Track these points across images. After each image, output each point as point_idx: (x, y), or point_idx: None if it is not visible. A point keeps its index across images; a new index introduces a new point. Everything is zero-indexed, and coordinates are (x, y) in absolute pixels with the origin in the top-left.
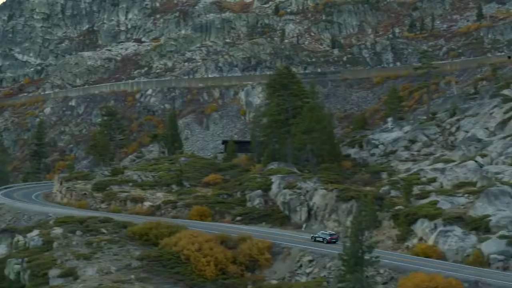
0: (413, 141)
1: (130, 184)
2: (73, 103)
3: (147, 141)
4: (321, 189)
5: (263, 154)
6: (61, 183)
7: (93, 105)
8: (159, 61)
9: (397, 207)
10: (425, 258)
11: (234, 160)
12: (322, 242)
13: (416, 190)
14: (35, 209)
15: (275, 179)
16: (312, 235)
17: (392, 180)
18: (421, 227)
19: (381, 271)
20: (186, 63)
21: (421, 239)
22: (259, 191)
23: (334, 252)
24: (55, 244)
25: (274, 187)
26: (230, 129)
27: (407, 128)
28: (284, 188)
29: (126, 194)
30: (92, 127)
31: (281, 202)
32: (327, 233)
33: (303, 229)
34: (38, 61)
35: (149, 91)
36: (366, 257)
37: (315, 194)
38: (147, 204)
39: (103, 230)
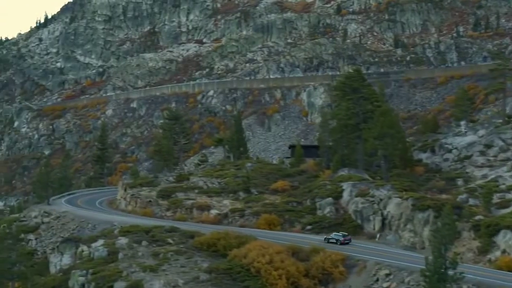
0: (489, 146)
1: (196, 191)
2: (134, 104)
3: (209, 142)
4: (395, 197)
5: (332, 159)
6: (125, 190)
7: (155, 106)
8: (220, 62)
9: (477, 217)
10: (509, 273)
11: (301, 166)
12: (336, 243)
13: (495, 198)
14: (100, 218)
15: (346, 186)
16: (325, 236)
17: (469, 187)
18: (504, 239)
19: (464, 287)
20: (247, 64)
21: (504, 251)
22: (329, 199)
23: (412, 266)
24: (120, 255)
25: (346, 195)
26: (292, 130)
27: (481, 132)
28: (356, 196)
29: (192, 201)
30: (154, 128)
31: (353, 211)
32: (341, 234)
33: (377, 239)
34: (100, 63)
35: (211, 92)
36: (450, 273)
37: (389, 202)
38: (213, 212)
39: (170, 240)
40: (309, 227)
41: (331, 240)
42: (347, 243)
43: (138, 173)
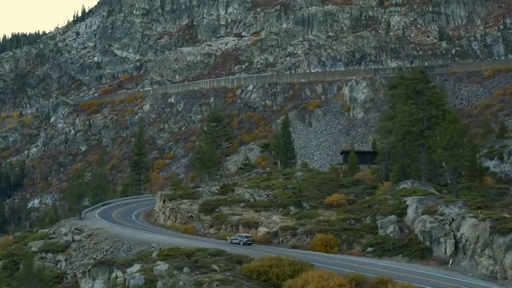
0: None
1: (242, 204)
2: (172, 99)
3: (248, 138)
4: (470, 217)
5: (390, 169)
6: (164, 202)
7: (193, 101)
8: (259, 56)
9: None
10: None
11: (356, 175)
12: (239, 244)
13: None
14: (136, 237)
15: (411, 202)
16: (228, 237)
17: None
18: None
19: None
20: (287, 58)
21: None
22: (393, 217)
23: None
24: (159, 284)
25: (410, 212)
26: (333, 126)
27: None
28: (423, 214)
29: (237, 217)
30: (192, 124)
31: (420, 231)
32: (244, 235)
33: (449, 265)
34: (137, 57)
35: (250, 87)
36: None
37: (463, 223)
38: (262, 230)
39: (215, 267)
40: (370, 249)
41: (234, 241)
42: (250, 244)
43: (179, 183)
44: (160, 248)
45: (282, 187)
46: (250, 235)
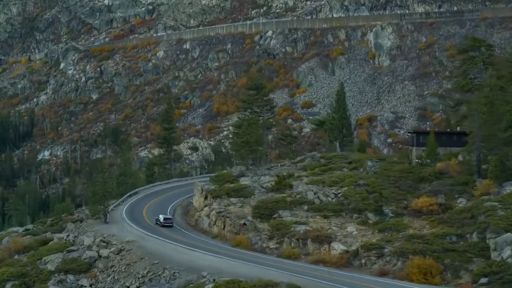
0: None
1: (305, 207)
2: (187, 46)
3: (268, 87)
4: None
5: (481, 160)
6: (205, 198)
7: (209, 48)
8: (278, 0)
9: None
10: None
11: (438, 165)
12: (158, 224)
13: None
14: (180, 258)
15: None
16: (156, 218)
17: None
18: None
19: None
20: (308, 2)
21: None
22: (509, 235)
23: None
24: None
25: None
26: (358, 74)
27: None
28: None
29: (303, 227)
30: (208, 72)
31: None
32: (163, 216)
33: None
34: (150, 0)
35: (269, 33)
36: None
37: None
38: (338, 247)
39: None
40: (483, 280)
41: (157, 221)
42: (170, 226)
43: (223, 178)
44: (215, 280)
45: (353, 184)
46: (170, 216)
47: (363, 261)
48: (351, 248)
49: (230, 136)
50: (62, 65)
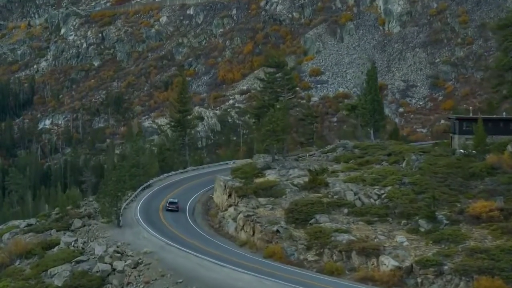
0: None
1: (345, 210)
2: (191, 11)
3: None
4: None
5: None
6: (229, 195)
7: (213, 13)
8: None
9: None
10: None
11: (489, 158)
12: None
13: None
14: (207, 277)
15: None
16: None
17: None
18: None
19: None
20: None
21: None
22: None
23: None
24: None
25: None
26: (367, 41)
27: None
28: None
29: (346, 236)
30: (213, 38)
31: None
32: (169, 201)
33: None
34: None
35: None
36: None
37: None
38: (389, 263)
39: None
40: None
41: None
42: (176, 211)
43: (248, 172)
44: None
45: (397, 182)
46: (175, 200)
47: (419, 279)
48: (404, 264)
49: (247, 116)
50: (62, 31)
